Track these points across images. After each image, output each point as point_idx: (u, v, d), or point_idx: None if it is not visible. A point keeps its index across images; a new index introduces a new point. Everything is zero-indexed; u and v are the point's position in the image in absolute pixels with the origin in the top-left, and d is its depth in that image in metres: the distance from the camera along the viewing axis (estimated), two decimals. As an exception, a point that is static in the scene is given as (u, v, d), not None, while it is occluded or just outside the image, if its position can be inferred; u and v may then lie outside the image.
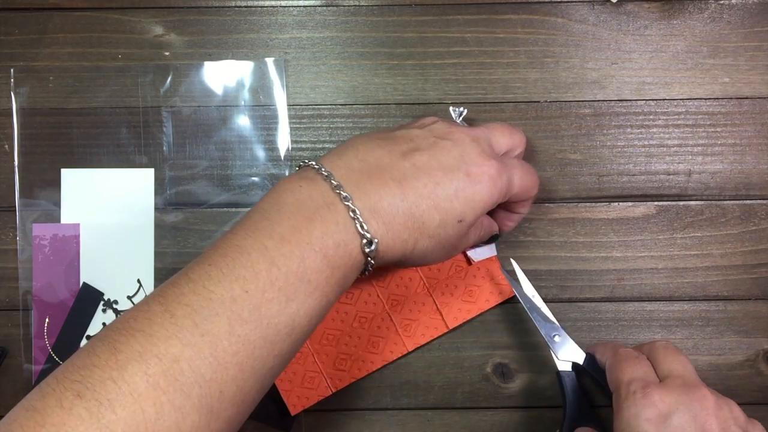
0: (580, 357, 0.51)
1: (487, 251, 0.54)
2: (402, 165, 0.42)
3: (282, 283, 0.37)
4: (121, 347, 0.35)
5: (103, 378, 0.34)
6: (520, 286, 0.52)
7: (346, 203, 0.39)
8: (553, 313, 0.54)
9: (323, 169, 0.41)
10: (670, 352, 0.46)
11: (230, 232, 0.39)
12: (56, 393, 0.33)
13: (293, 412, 0.53)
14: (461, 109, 0.53)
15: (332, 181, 0.40)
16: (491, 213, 0.50)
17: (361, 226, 0.39)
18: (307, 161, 0.42)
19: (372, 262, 0.40)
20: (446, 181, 0.42)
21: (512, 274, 0.53)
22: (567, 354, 0.51)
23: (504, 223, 0.51)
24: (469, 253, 0.53)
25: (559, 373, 0.51)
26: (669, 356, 0.46)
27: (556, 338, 0.51)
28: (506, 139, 0.48)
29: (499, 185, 0.44)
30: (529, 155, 0.55)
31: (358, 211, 0.39)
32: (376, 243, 0.40)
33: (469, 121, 0.55)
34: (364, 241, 0.39)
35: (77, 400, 0.33)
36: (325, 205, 0.39)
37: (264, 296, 0.37)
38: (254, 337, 0.36)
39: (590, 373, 0.50)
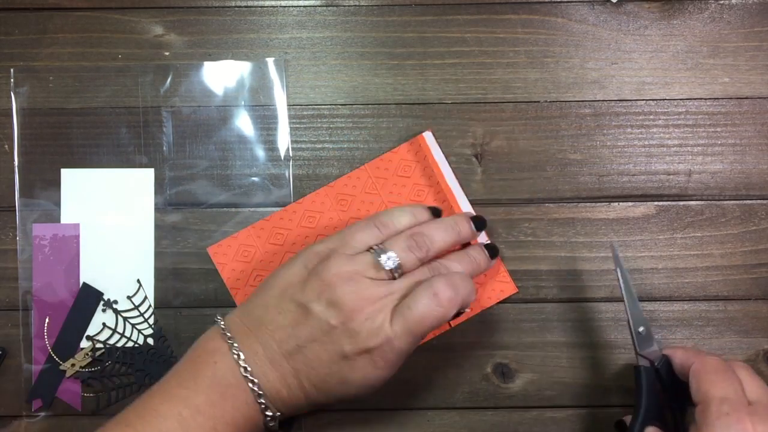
0: (658, 354, 0.49)
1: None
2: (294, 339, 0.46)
3: None
4: None
5: None
6: (625, 271, 0.50)
7: (253, 387, 0.45)
8: (552, 313, 0.54)
9: (234, 346, 0.45)
10: (755, 377, 0.45)
11: (148, 395, 0.45)
12: None
13: (293, 412, 0.54)
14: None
15: (241, 364, 0.45)
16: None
17: (267, 408, 0.45)
18: (220, 320, 0.47)
19: (275, 426, 0.47)
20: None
21: (616, 257, 0.50)
22: (648, 348, 0.49)
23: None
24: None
25: (638, 368, 0.49)
26: (755, 381, 0.45)
27: (642, 331, 0.49)
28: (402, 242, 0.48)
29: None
30: (529, 155, 0.55)
31: (264, 394, 0.45)
32: (279, 416, 0.46)
33: (470, 122, 0.55)
34: (268, 417, 0.46)
35: None
36: (236, 385, 0.44)
37: None
38: None
39: (663, 376, 0.48)
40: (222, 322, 0.47)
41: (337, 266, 0.46)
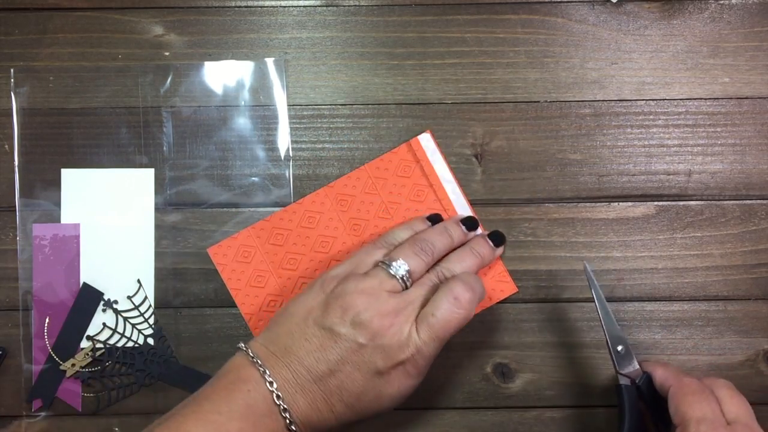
0: (638, 372, 0.50)
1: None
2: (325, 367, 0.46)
3: None
4: None
5: None
6: (599, 290, 0.50)
7: (285, 415, 0.45)
8: (552, 313, 0.54)
9: (267, 374, 0.45)
10: (735, 395, 0.46)
11: (181, 415, 0.44)
12: None
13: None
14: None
15: (274, 391, 0.45)
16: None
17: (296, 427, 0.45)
18: (247, 348, 0.47)
19: None
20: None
21: (589, 276, 0.51)
22: (627, 367, 0.50)
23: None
24: None
25: (619, 387, 0.49)
26: (734, 399, 0.45)
27: (621, 350, 0.50)
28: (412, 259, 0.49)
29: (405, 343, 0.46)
30: (529, 155, 0.55)
31: (294, 421, 0.45)
32: None
33: (470, 122, 0.55)
34: None
35: None
36: (269, 413, 0.44)
37: None
38: None
39: (644, 393, 0.49)
40: (249, 350, 0.47)
41: (354, 285, 0.47)
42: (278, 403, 0.45)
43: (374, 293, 0.46)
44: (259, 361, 0.46)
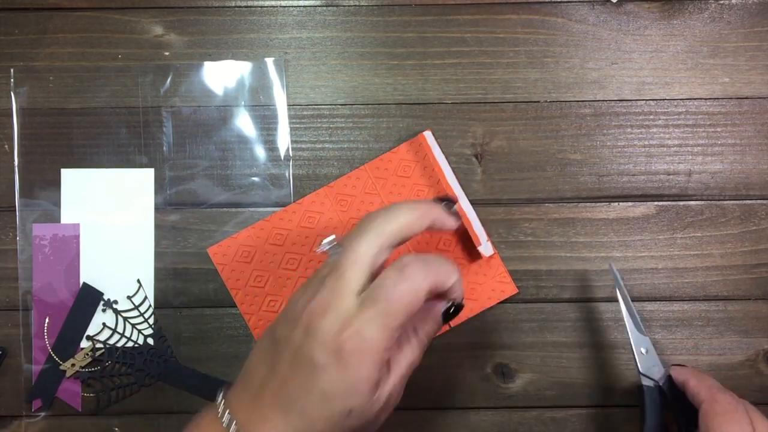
0: (661, 374, 0.50)
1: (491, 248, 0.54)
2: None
3: None
4: None
5: None
6: (624, 290, 0.51)
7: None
8: (552, 313, 0.54)
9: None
10: (765, 420, 0.44)
11: None
12: None
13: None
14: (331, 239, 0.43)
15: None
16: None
17: None
18: (219, 405, 0.41)
19: None
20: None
21: (615, 276, 0.51)
22: (651, 369, 0.50)
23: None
24: (480, 249, 0.53)
25: (642, 388, 0.49)
26: (766, 424, 0.44)
27: (644, 351, 0.50)
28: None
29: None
30: (529, 155, 0.55)
31: None
32: None
33: (470, 122, 0.55)
34: None
35: None
36: None
37: None
38: None
39: (668, 394, 0.49)
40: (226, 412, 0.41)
41: (300, 292, 0.42)
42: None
43: (309, 282, 0.41)
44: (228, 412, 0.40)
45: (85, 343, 0.54)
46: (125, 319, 0.54)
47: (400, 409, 0.55)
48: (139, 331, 0.54)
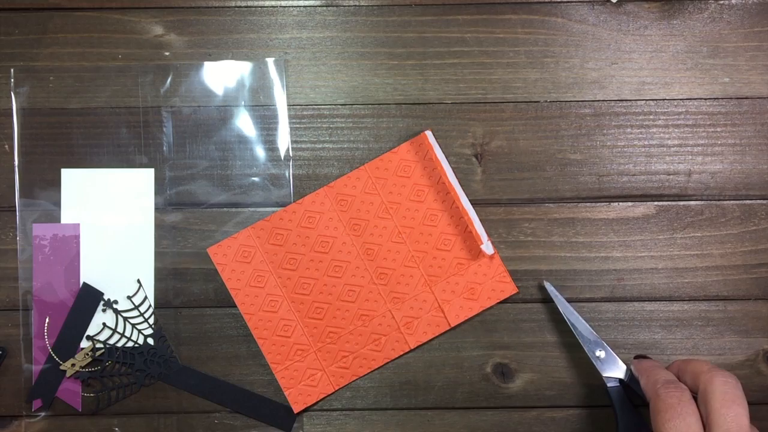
0: (623, 372, 0.51)
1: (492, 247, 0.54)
2: None
3: None
4: None
5: None
6: (564, 303, 0.53)
7: None
8: (552, 313, 0.54)
9: None
10: (727, 401, 0.42)
11: None
12: None
13: (296, 409, 0.54)
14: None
15: None
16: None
17: None
18: None
19: None
20: None
21: (552, 293, 0.53)
22: (611, 369, 0.51)
23: None
24: (483, 247, 0.53)
25: (607, 390, 0.51)
26: (725, 407, 0.42)
27: (600, 354, 0.51)
28: None
29: None
30: (529, 155, 0.55)
31: None
32: None
33: (470, 122, 0.55)
34: None
35: None
36: None
37: None
38: None
39: (633, 389, 0.50)
40: None
41: None
42: None
43: None
44: None
45: (85, 343, 0.54)
46: (125, 319, 0.54)
47: (399, 409, 0.55)
48: (139, 331, 0.54)
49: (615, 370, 0.51)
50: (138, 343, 0.54)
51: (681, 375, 0.47)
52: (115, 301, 0.54)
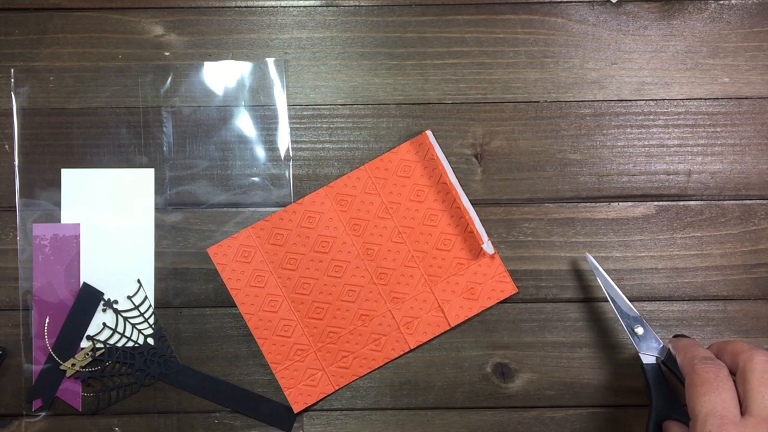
0: (660, 350, 0.50)
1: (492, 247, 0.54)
2: None
3: None
4: None
5: None
6: (605, 277, 0.51)
7: None
8: (552, 313, 0.54)
9: None
10: (766, 379, 0.41)
11: None
12: None
13: (296, 409, 0.54)
14: None
15: None
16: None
17: None
18: None
19: None
20: None
21: (594, 266, 0.52)
22: (648, 346, 0.50)
23: None
24: (485, 247, 0.53)
25: (643, 366, 0.50)
26: (764, 385, 0.41)
27: (639, 330, 0.50)
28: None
29: None
30: (529, 155, 0.55)
31: None
32: None
33: (470, 122, 0.55)
34: None
35: None
36: None
37: None
38: None
39: (670, 367, 0.49)
40: None
41: None
42: None
43: None
44: None
45: (85, 343, 0.54)
46: (125, 319, 0.54)
47: (399, 409, 0.55)
48: (139, 331, 0.54)
49: (652, 348, 0.50)
50: (138, 343, 0.54)
51: (720, 354, 0.46)
52: (115, 301, 0.54)
